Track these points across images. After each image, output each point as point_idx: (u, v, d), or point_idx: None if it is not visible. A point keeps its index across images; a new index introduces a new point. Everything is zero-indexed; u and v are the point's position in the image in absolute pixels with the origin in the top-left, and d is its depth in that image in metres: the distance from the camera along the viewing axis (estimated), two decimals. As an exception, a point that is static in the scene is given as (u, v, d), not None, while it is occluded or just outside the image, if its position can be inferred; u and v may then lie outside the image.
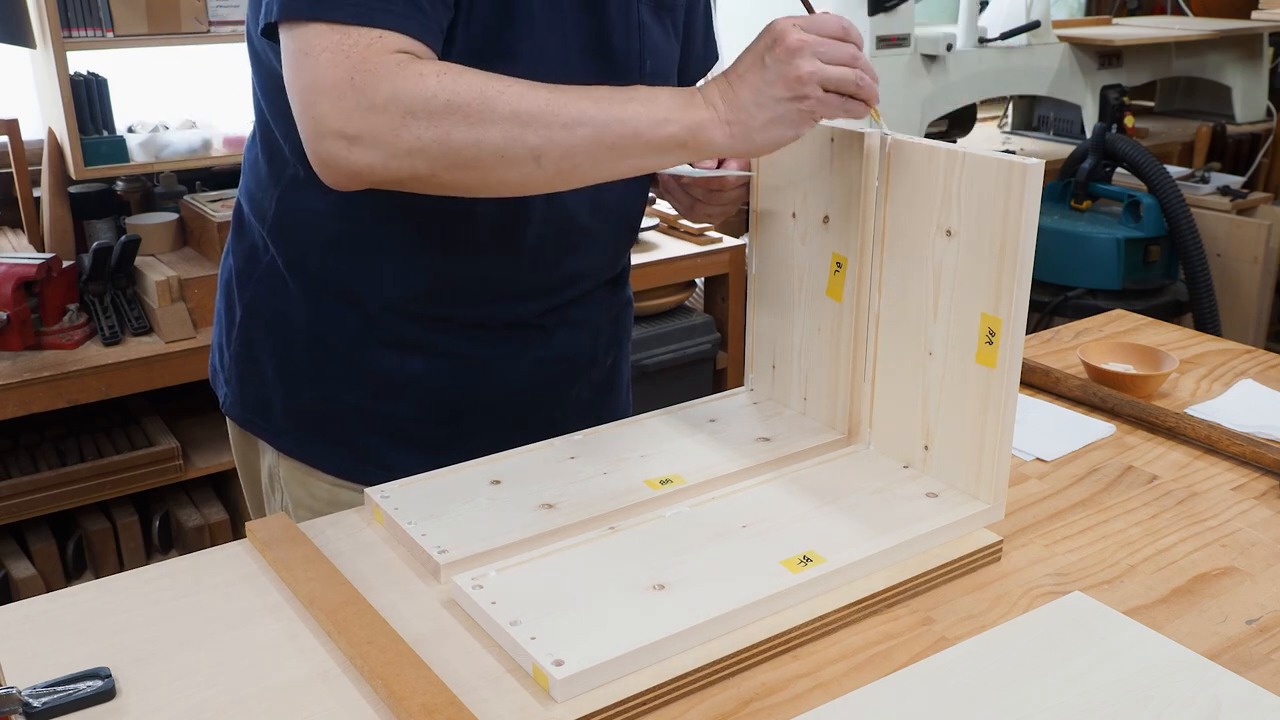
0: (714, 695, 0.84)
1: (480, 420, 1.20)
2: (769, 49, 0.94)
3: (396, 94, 0.90)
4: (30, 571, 2.18)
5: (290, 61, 0.93)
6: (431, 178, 0.94)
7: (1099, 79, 3.75)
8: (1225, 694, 0.82)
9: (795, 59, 0.93)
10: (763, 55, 0.94)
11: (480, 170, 0.93)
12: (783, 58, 0.93)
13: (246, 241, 1.21)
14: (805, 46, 0.93)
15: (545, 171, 0.94)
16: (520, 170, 0.94)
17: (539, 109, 0.92)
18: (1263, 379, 1.42)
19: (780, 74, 0.93)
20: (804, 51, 0.93)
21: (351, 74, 0.90)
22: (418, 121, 0.90)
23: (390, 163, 0.92)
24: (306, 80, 0.92)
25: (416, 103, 0.90)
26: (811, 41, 0.93)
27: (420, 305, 1.15)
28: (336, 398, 1.17)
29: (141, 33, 2.28)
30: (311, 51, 0.91)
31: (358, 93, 0.90)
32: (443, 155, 0.92)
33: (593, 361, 1.27)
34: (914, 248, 1.04)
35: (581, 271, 1.22)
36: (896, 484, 1.07)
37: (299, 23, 0.92)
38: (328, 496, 1.20)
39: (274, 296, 1.18)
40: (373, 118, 0.90)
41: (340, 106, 0.90)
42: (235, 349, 1.22)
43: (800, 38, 0.93)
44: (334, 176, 0.94)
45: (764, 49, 0.95)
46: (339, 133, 0.91)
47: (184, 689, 0.82)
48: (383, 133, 0.90)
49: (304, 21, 0.92)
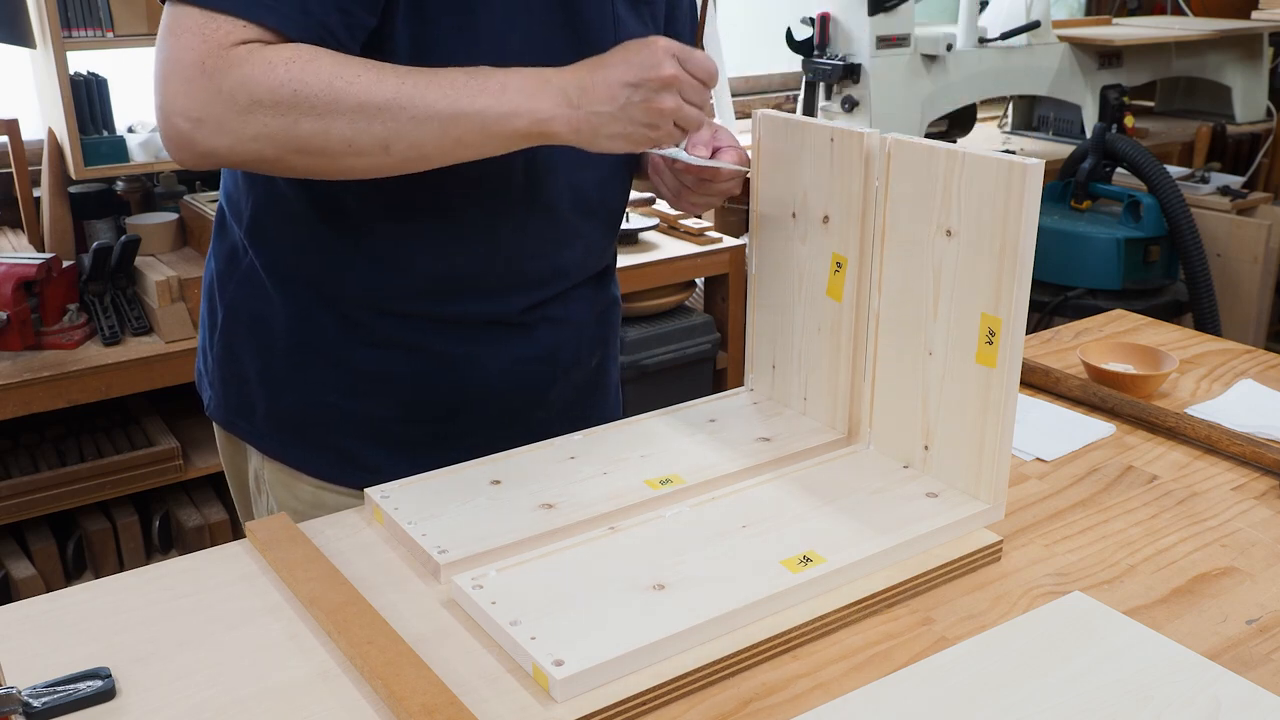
0: (714, 695, 0.84)
1: (462, 421, 1.19)
2: (644, 69, 0.97)
3: (244, 81, 0.91)
4: (30, 571, 2.18)
5: (159, 37, 0.95)
6: (278, 162, 0.96)
7: (1099, 79, 3.75)
8: (1225, 694, 0.82)
9: (664, 92, 0.97)
10: (636, 72, 0.97)
11: (328, 157, 0.96)
12: (654, 86, 0.97)
13: (227, 244, 1.21)
14: (675, 83, 0.98)
15: (393, 159, 0.97)
16: (369, 159, 0.96)
17: (387, 101, 0.94)
18: (1263, 379, 1.42)
19: (646, 99, 0.97)
20: (674, 87, 0.98)
21: (204, 58, 0.92)
22: (264, 110, 0.92)
23: (236, 147, 0.94)
24: (163, 58, 0.94)
25: (262, 91, 0.91)
26: (681, 79, 0.98)
27: (399, 303, 1.15)
28: (318, 399, 1.17)
29: (141, 33, 2.28)
30: (175, 31, 0.93)
31: (206, 77, 0.91)
32: (289, 143, 0.94)
33: (575, 362, 1.27)
34: (914, 248, 1.04)
35: (563, 268, 1.21)
36: (896, 484, 1.07)
37: (176, 2, 0.94)
38: (311, 499, 1.20)
39: (254, 298, 1.18)
40: (218, 103, 0.92)
41: (189, 89, 0.92)
42: (218, 352, 1.22)
43: (674, 72, 0.97)
44: (180, 155, 0.96)
45: (638, 65, 0.97)
46: (184, 114, 0.92)
47: (184, 689, 0.82)
48: (228, 119, 0.92)
49: (179, 2, 0.93)
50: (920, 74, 3.29)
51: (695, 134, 1.10)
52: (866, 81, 3.16)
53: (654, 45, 0.99)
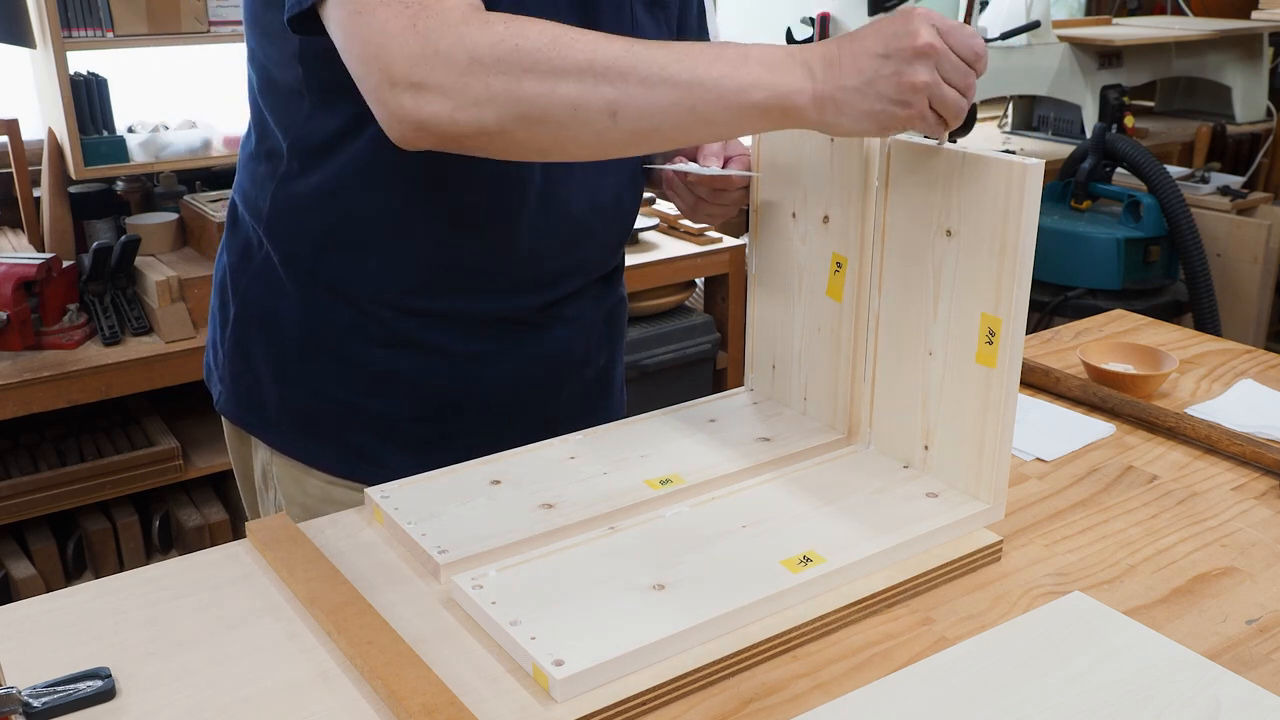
0: (714, 695, 0.84)
1: (472, 418, 1.20)
2: (896, 38, 0.87)
3: (462, 39, 0.86)
4: (30, 571, 2.18)
5: (345, 27, 0.90)
6: (500, 132, 0.89)
7: (1099, 79, 3.75)
8: (1225, 694, 0.82)
9: (918, 63, 0.86)
10: (887, 41, 0.87)
11: (551, 126, 0.89)
12: (907, 55, 0.86)
13: (241, 239, 1.21)
14: (933, 54, 0.86)
15: (620, 130, 0.89)
16: (594, 127, 0.89)
17: (615, 60, 0.87)
18: (1263, 379, 1.42)
19: (897, 70, 0.86)
20: (929, 59, 0.87)
21: (413, 20, 0.87)
22: (485, 69, 0.86)
23: (457, 114, 0.88)
24: (366, 35, 0.88)
25: (483, 48, 0.86)
26: (940, 51, 0.87)
27: (413, 301, 1.15)
28: (329, 395, 1.17)
29: (141, 33, 2.28)
30: (365, 9, 0.88)
31: (421, 39, 0.86)
32: (512, 106, 0.88)
33: (585, 360, 1.27)
34: (914, 248, 1.04)
35: (576, 268, 1.21)
36: (896, 484, 1.07)
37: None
38: (320, 494, 1.20)
39: (268, 294, 1.18)
40: (439, 65, 0.86)
41: (406, 54, 0.87)
42: (229, 347, 1.22)
43: (931, 42, 0.86)
44: (401, 130, 0.90)
45: (891, 35, 0.87)
46: (405, 80, 0.87)
47: (184, 689, 0.82)
48: (449, 80, 0.87)
49: None
50: (920, 74, 3.28)
51: (710, 144, 1.05)
52: (866, 81, 3.15)
53: (911, 13, 0.88)
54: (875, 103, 0.88)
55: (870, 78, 0.87)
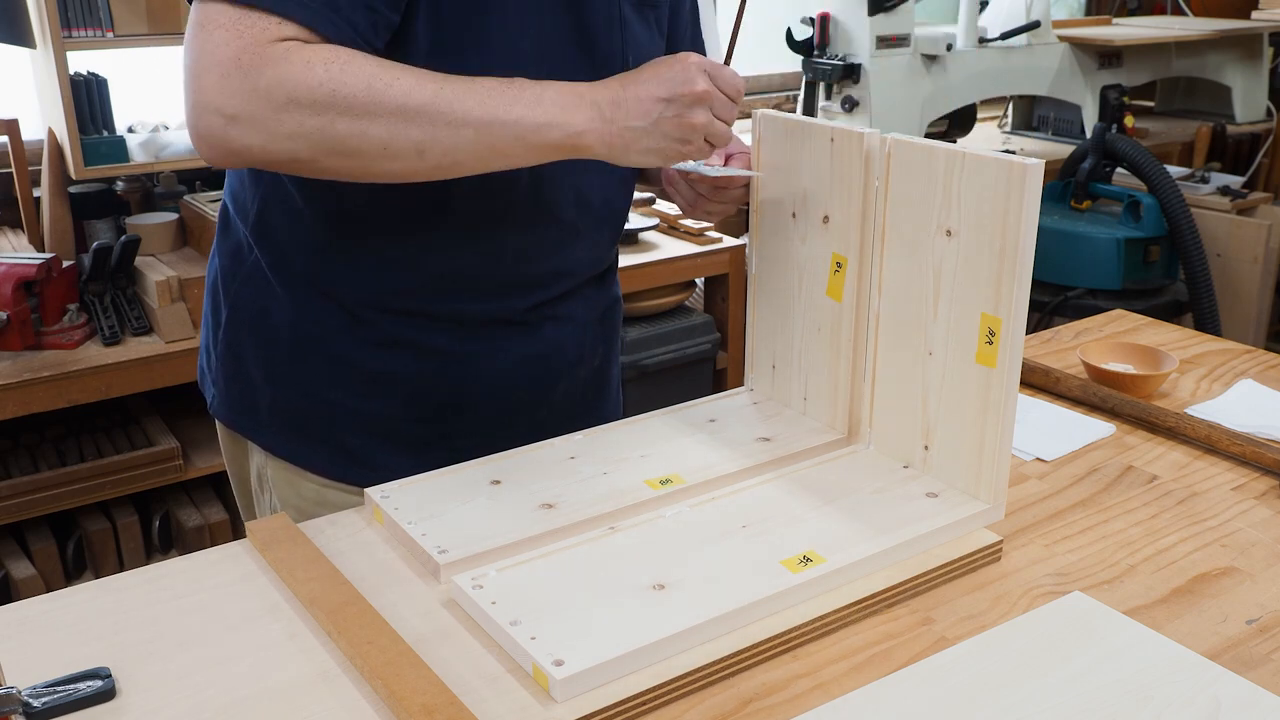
0: (714, 695, 0.84)
1: (466, 419, 1.20)
2: (676, 84, 0.98)
3: (281, 79, 0.91)
4: (30, 571, 2.18)
5: (188, 33, 0.94)
6: (312, 163, 0.95)
7: (1099, 79, 3.75)
8: (1225, 694, 0.82)
9: (696, 107, 0.99)
10: (669, 87, 0.98)
11: (362, 159, 0.95)
12: (687, 102, 0.98)
13: (231, 241, 1.21)
14: (708, 99, 0.99)
15: (427, 164, 0.96)
16: (402, 163, 0.95)
17: (425, 104, 0.93)
18: (1263, 379, 1.42)
19: (678, 114, 0.98)
20: (705, 103, 0.99)
21: (239, 54, 0.91)
22: (300, 109, 0.91)
23: (269, 145, 0.93)
24: (195, 53, 0.92)
25: (301, 90, 0.91)
26: (712, 95, 1.00)
27: (404, 302, 1.15)
28: (322, 397, 1.17)
29: (141, 33, 2.28)
30: (207, 26, 0.92)
31: (242, 74, 0.90)
32: (324, 143, 0.93)
33: (579, 360, 1.27)
34: (914, 248, 1.04)
35: (566, 268, 1.22)
36: (896, 484, 1.07)
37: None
38: (315, 497, 1.20)
39: (259, 296, 1.18)
40: (254, 100, 0.91)
41: (223, 85, 0.91)
42: (221, 350, 1.22)
43: (706, 89, 0.99)
44: (210, 153, 0.95)
45: (671, 81, 0.98)
46: (218, 110, 0.91)
47: (184, 689, 0.82)
48: (263, 116, 0.91)
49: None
50: (920, 74, 3.29)
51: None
52: (866, 81, 3.16)
53: (686, 61, 0.99)
54: (660, 141, 1.00)
55: (655, 119, 0.98)
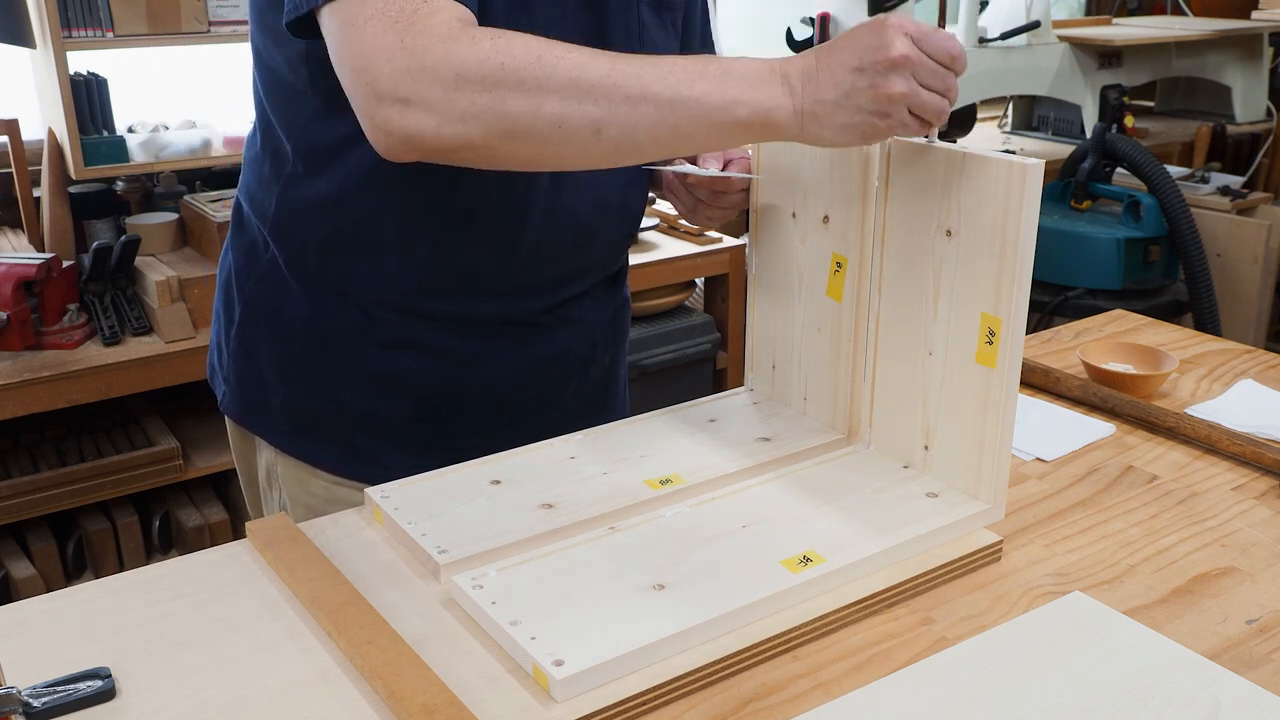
0: (714, 695, 0.84)
1: (477, 419, 1.20)
2: (871, 50, 0.87)
3: (449, 56, 0.87)
4: (30, 571, 2.18)
5: (336, 38, 0.92)
6: (485, 148, 0.91)
7: (1099, 79, 3.75)
8: (1225, 694, 0.82)
9: (893, 74, 0.87)
10: (862, 54, 0.88)
11: (536, 142, 0.90)
12: (882, 68, 0.87)
13: (246, 239, 1.21)
14: (907, 64, 0.87)
15: (603, 147, 0.91)
16: (578, 143, 0.90)
17: (600, 78, 0.88)
18: (1263, 379, 1.42)
19: (872, 83, 0.87)
20: (904, 69, 0.87)
21: (401, 36, 0.88)
22: (471, 85, 0.88)
23: (443, 128, 0.89)
24: (355, 48, 0.90)
25: (469, 66, 0.87)
26: (915, 60, 0.87)
27: (420, 303, 1.15)
28: (335, 396, 1.17)
29: (141, 33, 2.28)
30: (356, 21, 0.89)
31: (408, 54, 0.88)
32: (497, 123, 0.89)
33: (590, 360, 1.27)
34: (914, 248, 1.04)
35: (581, 270, 1.22)
36: (896, 484, 1.07)
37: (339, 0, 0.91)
38: (325, 494, 1.20)
39: (274, 294, 1.18)
40: (425, 80, 0.88)
41: (392, 69, 0.88)
42: (234, 346, 1.22)
43: (905, 52, 0.87)
44: (388, 143, 0.91)
45: (865, 47, 0.88)
46: (392, 95, 0.88)
47: (184, 689, 0.82)
48: (435, 96, 0.88)
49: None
50: (920, 74, 3.28)
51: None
52: (866, 81, 3.15)
53: (884, 23, 0.88)
54: (854, 115, 0.89)
55: (848, 90, 0.88)
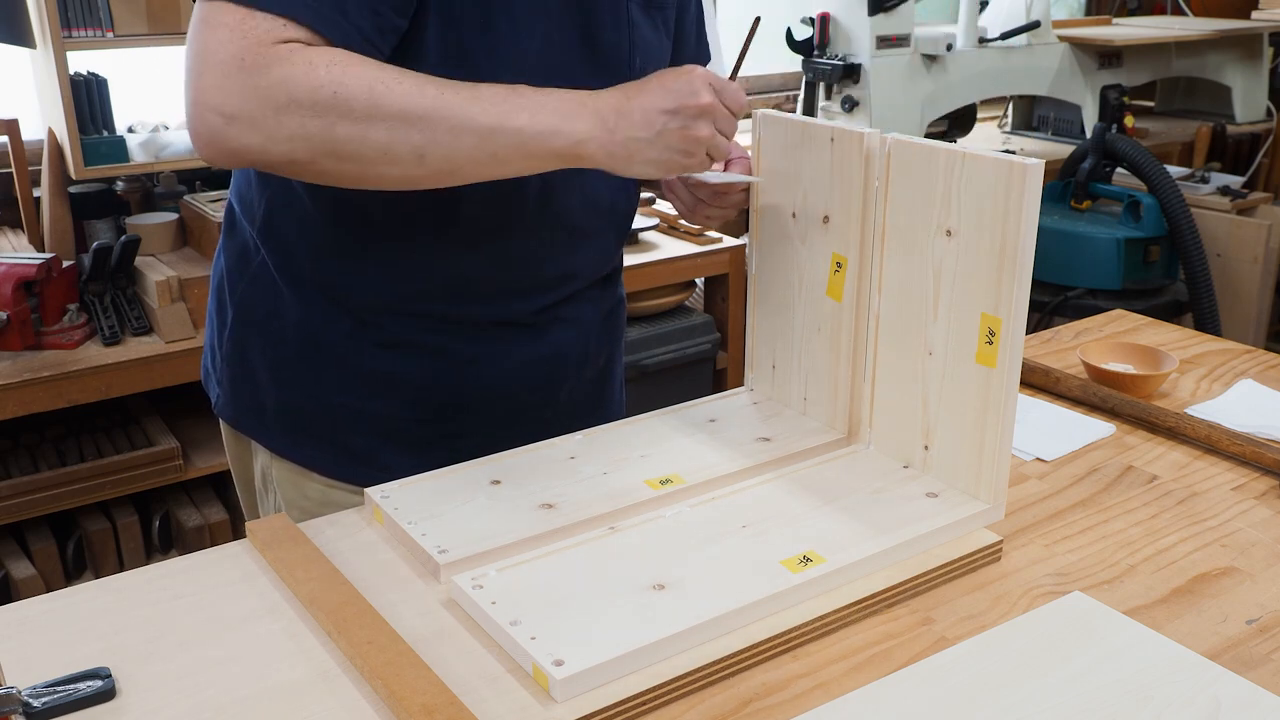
0: (714, 695, 0.84)
1: (472, 420, 1.20)
2: (683, 96, 0.98)
3: (283, 80, 0.90)
4: (30, 571, 2.18)
5: (191, 31, 0.93)
6: (310, 165, 0.94)
7: (1099, 79, 3.75)
8: (1225, 694, 0.82)
9: (700, 120, 0.99)
10: (675, 99, 0.98)
11: (361, 164, 0.94)
12: (691, 114, 0.98)
13: (237, 242, 1.21)
14: (712, 112, 0.99)
15: (426, 170, 0.95)
16: (402, 167, 0.95)
17: (427, 109, 0.93)
18: (1263, 379, 1.42)
19: (682, 126, 0.98)
20: (709, 116, 0.99)
21: (243, 53, 0.90)
22: (301, 110, 0.90)
23: (269, 146, 0.92)
24: (197, 51, 0.92)
25: (302, 92, 0.90)
26: (718, 110, 1.00)
27: (412, 305, 1.15)
28: (328, 398, 1.17)
29: (141, 33, 2.28)
30: (211, 24, 0.91)
31: (244, 73, 0.90)
32: (324, 145, 0.92)
33: (585, 361, 1.27)
34: (914, 248, 1.04)
35: (574, 271, 1.22)
36: (896, 484, 1.07)
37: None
38: (320, 497, 1.20)
39: (265, 297, 1.18)
40: (255, 100, 0.90)
41: (224, 84, 0.90)
42: (227, 350, 1.22)
43: (711, 102, 0.99)
44: (208, 151, 0.94)
45: (676, 93, 0.98)
46: (218, 109, 0.91)
47: (184, 689, 0.82)
48: (263, 116, 0.90)
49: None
50: (920, 74, 3.29)
51: None
52: (866, 81, 3.16)
53: (692, 74, 0.99)
54: (662, 153, 0.99)
55: (659, 130, 0.98)
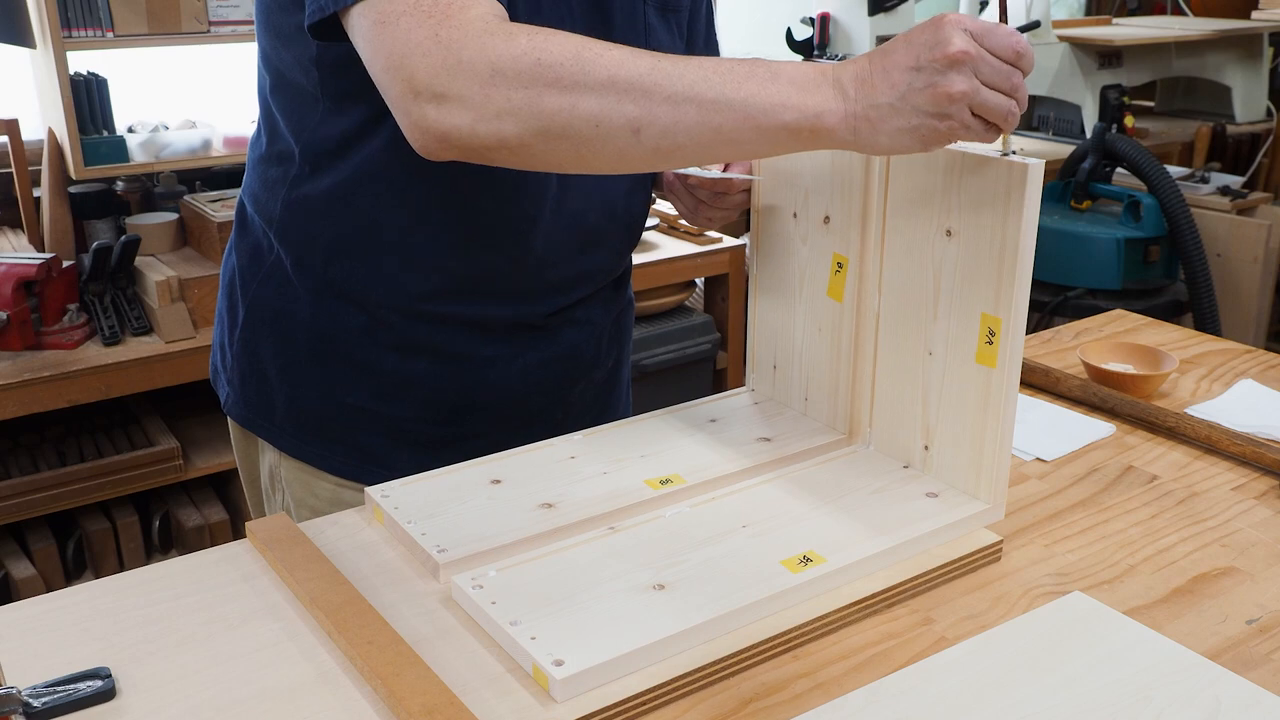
0: (714, 695, 0.84)
1: (483, 420, 1.20)
2: (928, 48, 0.82)
3: (484, 51, 0.85)
4: (30, 571, 2.18)
5: (368, 37, 0.90)
6: (521, 146, 0.88)
7: (1099, 79, 3.75)
8: (1225, 694, 0.82)
9: (952, 72, 0.82)
10: (919, 53, 0.83)
11: (573, 141, 0.87)
12: (940, 66, 0.82)
13: (250, 240, 1.21)
14: (967, 61, 0.81)
15: (643, 148, 0.87)
16: (616, 144, 0.87)
17: (640, 77, 0.85)
18: (1263, 379, 1.42)
19: (930, 83, 0.82)
20: (964, 66, 0.82)
21: (436, 30, 0.86)
22: (506, 81, 0.85)
23: (478, 125, 0.87)
24: (389, 46, 0.88)
25: (505, 61, 0.85)
26: (976, 56, 0.82)
27: (425, 306, 1.15)
28: (339, 398, 1.17)
29: (141, 33, 2.28)
30: (388, 19, 0.88)
31: (444, 49, 0.86)
32: (533, 120, 0.86)
33: (595, 362, 1.27)
34: (914, 248, 1.04)
35: (587, 273, 1.22)
36: (896, 484, 1.07)
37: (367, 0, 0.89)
38: (330, 496, 1.20)
39: (278, 296, 1.18)
40: (460, 75, 0.86)
41: (428, 64, 0.86)
42: (237, 348, 1.22)
43: (964, 48, 0.81)
44: (424, 141, 0.90)
45: (922, 45, 0.83)
46: (429, 91, 0.87)
47: (184, 689, 0.82)
48: (470, 91, 0.86)
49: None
50: (920, 74, 3.28)
51: None
52: (867, 81, 3.15)
53: (942, 20, 0.83)
54: (912, 118, 0.83)
55: (904, 92, 0.83)
